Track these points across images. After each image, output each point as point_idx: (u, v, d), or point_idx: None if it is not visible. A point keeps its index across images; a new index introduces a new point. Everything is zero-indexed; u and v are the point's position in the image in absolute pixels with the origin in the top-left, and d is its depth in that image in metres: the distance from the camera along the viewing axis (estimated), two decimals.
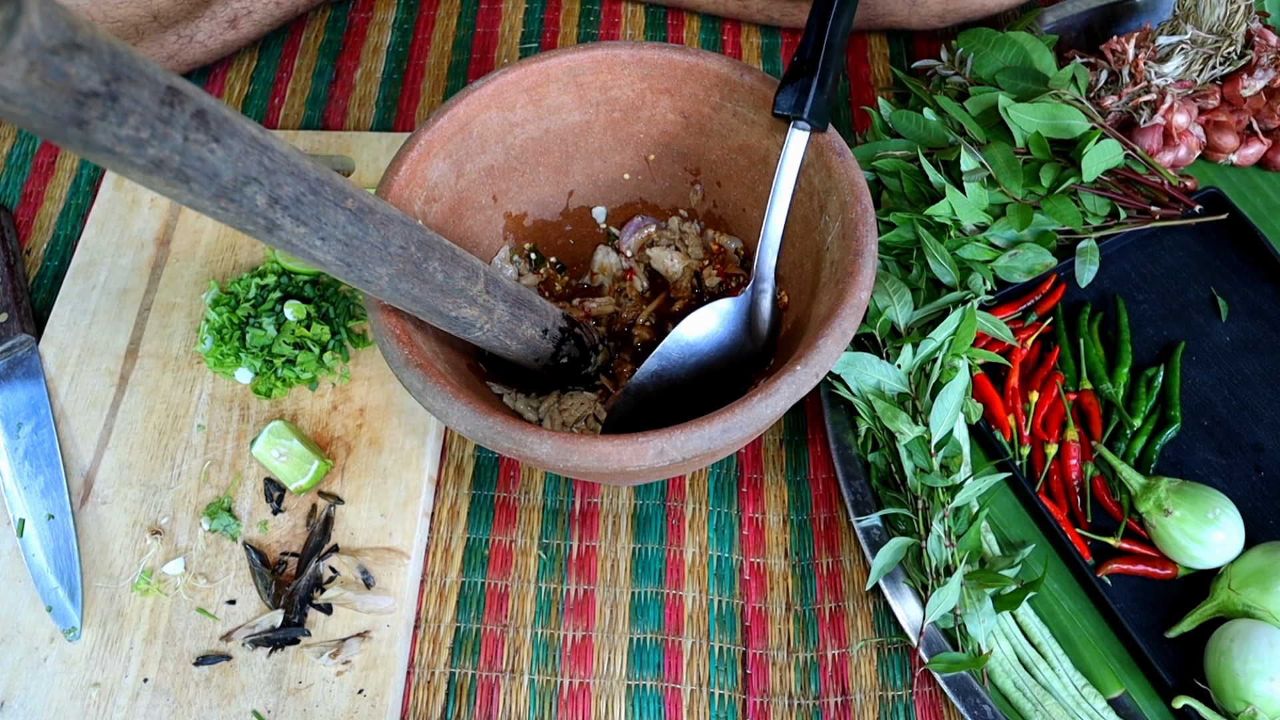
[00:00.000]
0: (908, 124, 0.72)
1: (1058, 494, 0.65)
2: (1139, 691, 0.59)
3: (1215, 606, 0.59)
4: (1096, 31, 0.81)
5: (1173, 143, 0.73)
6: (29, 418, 0.69)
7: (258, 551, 0.64)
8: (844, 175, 0.54)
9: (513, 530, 0.67)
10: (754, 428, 0.47)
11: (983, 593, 0.59)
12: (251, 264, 0.75)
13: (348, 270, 0.42)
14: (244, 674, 0.60)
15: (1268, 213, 0.75)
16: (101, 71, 0.28)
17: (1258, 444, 0.66)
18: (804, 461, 0.70)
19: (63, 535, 0.64)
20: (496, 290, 0.52)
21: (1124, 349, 0.69)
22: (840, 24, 0.55)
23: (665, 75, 0.60)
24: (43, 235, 0.81)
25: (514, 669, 0.63)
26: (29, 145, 0.87)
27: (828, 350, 0.48)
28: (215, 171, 0.33)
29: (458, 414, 0.47)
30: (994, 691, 0.59)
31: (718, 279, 0.67)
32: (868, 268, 0.50)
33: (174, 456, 0.68)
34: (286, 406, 0.70)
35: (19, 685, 0.60)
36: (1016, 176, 0.66)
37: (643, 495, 0.68)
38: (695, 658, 0.63)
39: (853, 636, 0.63)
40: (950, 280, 0.65)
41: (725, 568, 0.66)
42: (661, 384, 0.58)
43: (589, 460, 0.46)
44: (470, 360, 0.61)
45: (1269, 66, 0.74)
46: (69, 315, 0.74)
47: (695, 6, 0.91)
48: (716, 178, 0.65)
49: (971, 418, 0.64)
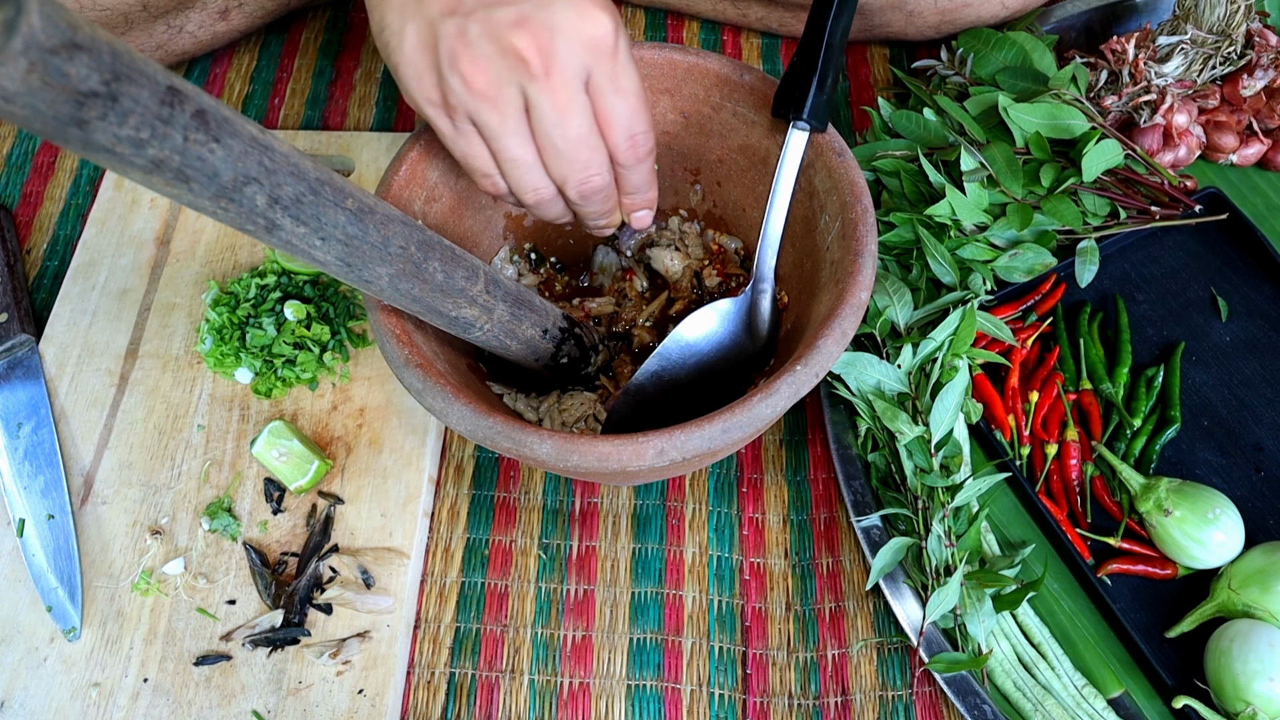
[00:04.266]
0: (908, 124, 0.72)
1: (1058, 494, 0.65)
2: (1139, 691, 0.59)
3: (1215, 606, 0.59)
4: (1096, 31, 0.81)
5: (1173, 143, 0.73)
6: (29, 418, 0.69)
7: (258, 551, 0.64)
8: (844, 175, 0.54)
9: (513, 530, 0.67)
10: (754, 428, 0.47)
11: (983, 593, 0.59)
12: (251, 264, 0.75)
13: (348, 270, 0.42)
14: (244, 674, 0.60)
15: (1268, 213, 0.75)
16: (101, 71, 0.28)
17: (1258, 444, 0.66)
18: (804, 461, 0.70)
19: (63, 535, 0.64)
20: (496, 290, 0.52)
21: (1124, 349, 0.69)
22: (840, 24, 0.55)
23: (665, 75, 0.60)
24: (43, 235, 0.81)
25: (514, 669, 0.63)
26: (29, 145, 0.87)
27: (828, 350, 0.48)
28: (215, 171, 0.33)
29: (458, 414, 0.47)
30: (994, 691, 0.59)
31: (718, 279, 0.67)
32: (868, 268, 0.50)
33: (174, 456, 0.68)
34: (286, 406, 0.70)
35: (19, 685, 0.60)
36: (1016, 176, 0.66)
37: (643, 495, 0.68)
38: (695, 658, 0.63)
39: (853, 636, 0.63)
40: (950, 280, 0.65)
41: (725, 568, 0.66)
42: (661, 384, 0.58)
43: (589, 460, 0.46)
44: (470, 360, 0.61)
45: (1269, 66, 0.74)
46: (69, 315, 0.74)
47: (694, 13, 0.91)
48: (716, 178, 0.65)
49: (971, 418, 0.64)
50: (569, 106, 0.47)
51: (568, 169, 0.50)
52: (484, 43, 0.45)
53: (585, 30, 0.46)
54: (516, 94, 0.46)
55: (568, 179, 0.50)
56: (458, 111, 0.47)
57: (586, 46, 0.46)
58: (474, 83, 0.46)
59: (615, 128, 0.50)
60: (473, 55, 0.45)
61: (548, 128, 0.48)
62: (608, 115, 0.49)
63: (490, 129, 0.47)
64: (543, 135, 0.48)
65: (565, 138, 0.48)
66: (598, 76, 0.48)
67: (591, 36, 0.46)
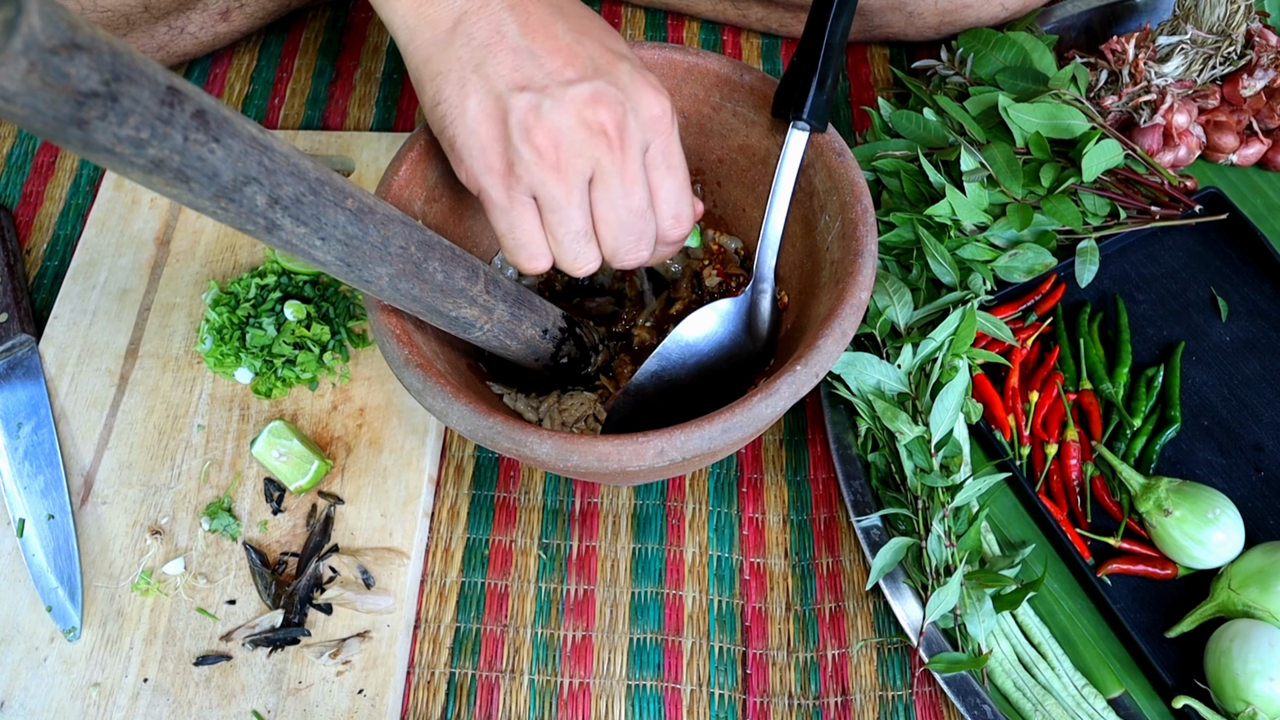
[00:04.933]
0: (908, 124, 0.72)
1: (1058, 494, 0.65)
2: (1139, 691, 0.59)
3: (1215, 606, 0.59)
4: (1096, 31, 0.81)
5: (1173, 143, 0.73)
6: (29, 418, 0.69)
7: (258, 551, 0.64)
8: (844, 175, 0.54)
9: (513, 530, 0.67)
10: (754, 428, 0.47)
11: (983, 593, 0.59)
12: (251, 264, 0.75)
13: (348, 270, 0.42)
14: (244, 674, 0.60)
15: (1268, 213, 0.75)
16: (101, 71, 0.28)
17: (1258, 444, 0.66)
18: (804, 461, 0.70)
19: (63, 535, 0.64)
20: (496, 290, 0.52)
21: (1124, 349, 0.69)
22: (840, 24, 0.55)
23: (665, 75, 0.60)
24: (43, 235, 0.81)
25: (514, 669, 0.63)
26: (29, 145, 0.87)
27: (828, 350, 0.48)
28: (215, 171, 0.33)
29: (458, 414, 0.47)
30: (994, 691, 0.59)
31: (718, 279, 0.67)
32: (868, 268, 0.50)
33: (174, 456, 0.68)
34: (286, 406, 0.70)
35: (19, 685, 0.60)
36: (1016, 176, 0.66)
37: (643, 495, 0.68)
38: (695, 658, 0.63)
39: (853, 636, 0.63)
40: (950, 280, 0.65)
41: (725, 568, 0.66)
42: (661, 384, 0.58)
43: (589, 460, 0.46)
44: (470, 360, 0.61)
45: (1269, 66, 0.74)
46: (69, 315, 0.74)
47: (694, 13, 0.91)
48: (717, 178, 0.65)
49: (971, 418, 0.64)
50: (635, 180, 0.49)
51: (621, 241, 0.51)
52: (560, 116, 0.46)
53: (652, 108, 0.49)
54: (587, 167, 0.47)
55: (618, 251, 0.51)
56: (520, 183, 0.47)
57: (650, 123, 0.49)
58: (547, 155, 0.46)
59: (664, 204, 0.52)
60: (548, 128, 0.46)
61: (614, 198, 0.49)
62: (658, 191, 0.51)
63: (554, 201, 0.48)
64: (607, 206, 0.49)
65: (629, 209, 0.49)
66: (654, 152, 0.50)
67: (654, 114, 0.49)
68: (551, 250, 0.50)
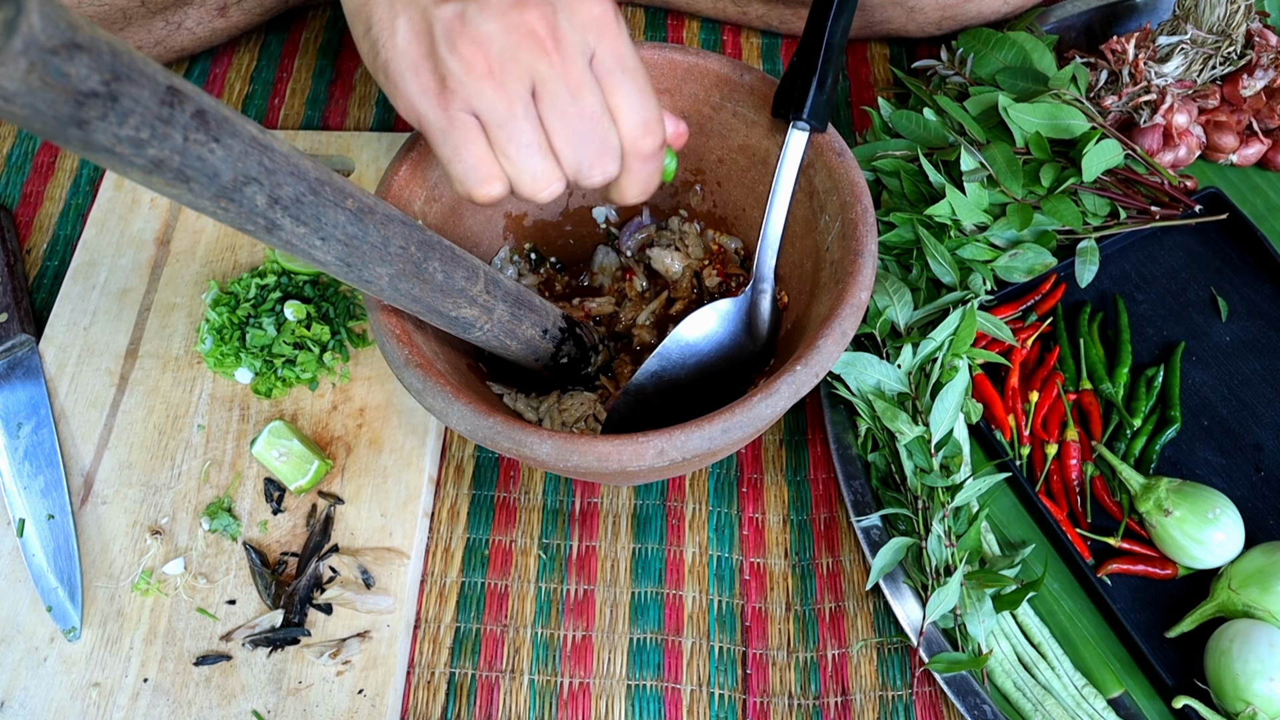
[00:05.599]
0: (908, 124, 0.72)
1: (1058, 494, 0.65)
2: (1139, 691, 0.59)
3: (1215, 606, 0.59)
4: (1096, 31, 0.81)
5: (1173, 143, 0.73)
6: (29, 418, 0.69)
7: (258, 551, 0.64)
8: (844, 175, 0.54)
9: (513, 530, 0.67)
10: (754, 428, 0.47)
11: (983, 593, 0.59)
12: (251, 264, 0.75)
13: (348, 270, 0.42)
14: (244, 674, 0.60)
15: (1268, 213, 0.75)
16: (101, 71, 0.28)
17: (1258, 444, 0.66)
18: (804, 461, 0.70)
19: (63, 535, 0.64)
20: (496, 290, 0.52)
21: (1124, 349, 0.69)
22: (840, 24, 0.55)
23: (665, 75, 0.60)
24: (43, 235, 0.81)
25: (514, 669, 0.63)
26: (29, 145, 0.87)
27: (828, 350, 0.48)
28: (215, 171, 0.33)
29: (458, 414, 0.47)
30: (994, 691, 0.59)
31: (718, 279, 0.67)
32: (868, 268, 0.50)
33: (174, 456, 0.68)
34: (286, 406, 0.70)
35: (19, 685, 0.60)
36: (1016, 176, 0.66)
37: (643, 495, 0.68)
38: (695, 658, 0.63)
39: (853, 636, 0.63)
40: (950, 280, 0.65)
41: (725, 568, 0.66)
42: (661, 384, 0.58)
43: (589, 460, 0.46)
44: (470, 360, 0.61)
45: (1269, 66, 0.74)
46: (69, 315, 0.74)
47: (694, 12, 0.91)
48: (716, 178, 0.65)
49: (971, 418, 0.64)
50: (582, 85, 0.44)
51: (582, 153, 0.46)
52: (485, 21, 0.42)
53: (591, 9, 0.44)
54: (524, 74, 0.43)
55: (581, 165, 0.46)
56: (456, 98, 0.43)
57: (589, 25, 0.44)
58: (477, 64, 0.43)
59: (625, 111, 0.46)
60: (474, 35, 0.42)
61: (562, 107, 0.44)
62: (614, 96, 0.46)
63: (495, 113, 0.44)
64: (557, 117, 0.44)
65: (581, 115, 0.45)
66: (603, 54, 0.45)
67: (593, 15, 0.44)
68: (506, 171, 0.46)
